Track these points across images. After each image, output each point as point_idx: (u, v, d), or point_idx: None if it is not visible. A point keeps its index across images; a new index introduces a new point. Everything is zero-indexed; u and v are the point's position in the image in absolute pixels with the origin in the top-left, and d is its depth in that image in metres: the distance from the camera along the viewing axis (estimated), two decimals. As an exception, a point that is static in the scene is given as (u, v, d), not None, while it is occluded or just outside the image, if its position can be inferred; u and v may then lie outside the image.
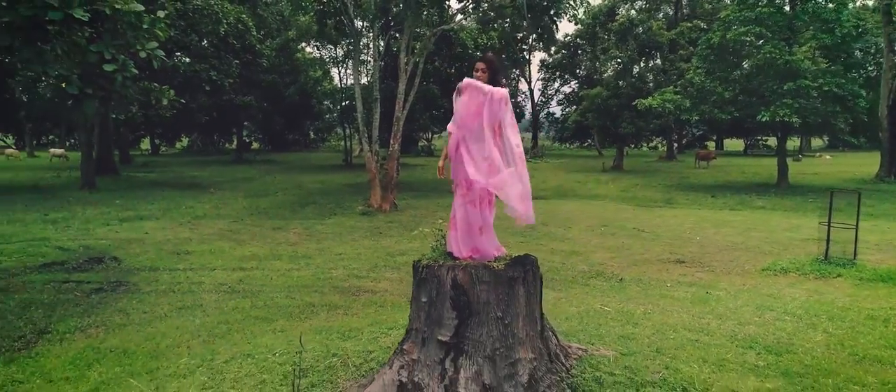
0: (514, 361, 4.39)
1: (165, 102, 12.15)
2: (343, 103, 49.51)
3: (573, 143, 79.13)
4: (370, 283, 10.35)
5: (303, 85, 51.92)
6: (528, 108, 77.89)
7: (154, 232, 15.98)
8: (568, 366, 5.27)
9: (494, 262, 4.72)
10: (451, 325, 4.47)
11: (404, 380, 4.57)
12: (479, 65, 5.05)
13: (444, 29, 20.25)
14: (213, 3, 26.84)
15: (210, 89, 32.18)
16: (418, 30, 20.74)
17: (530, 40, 77.21)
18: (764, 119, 26.52)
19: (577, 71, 70.61)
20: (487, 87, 4.86)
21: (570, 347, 5.67)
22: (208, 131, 65.21)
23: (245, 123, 59.08)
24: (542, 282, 5.16)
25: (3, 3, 7.68)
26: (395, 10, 18.55)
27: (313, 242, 14.54)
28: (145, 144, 69.85)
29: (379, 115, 20.48)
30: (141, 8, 8.65)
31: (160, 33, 9.09)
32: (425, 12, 18.82)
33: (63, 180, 32.07)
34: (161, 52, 9.02)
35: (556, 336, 5.46)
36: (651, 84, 43.60)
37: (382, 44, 21.61)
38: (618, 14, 47.91)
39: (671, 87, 31.50)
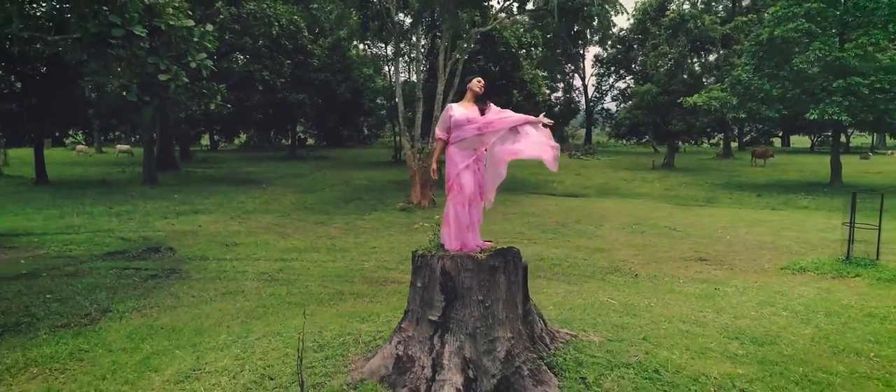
0: (493, 339, 5.03)
1: (213, 107, 13.16)
2: (394, 100, 50.61)
3: (629, 139, 78.32)
4: (398, 274, 11.08)
5: (354, 83, 53.21)
6: (582, 103, 77.23)
7: (206, 225, 17.16)
8: (552, 347, 5.87)
9: (480, 253, 5.35)
10: (440, 307, 5.14)
11: (400, 353, 5.27)
12: (476, 84, 5.64)
13: (481, 30, 20.83)
14: (265, 6, 28.11)
15: (263, 89, 33.60)
16: (461, 30, 21.37)
17: (585, 35, 77.03)
18: (812, 117, 26.19)
19: (632, 66, 69.82)
20: (494, 111, 5.55)
21: (558, 332, 6.26)
22: (264, 128, 67.37)
23: (299, 120, 61.01)
24: (526, 271, 5.78)
25: (76, 21, 8.72)
26: (435, 12, 19.07)
27: (351, 236, 15.41)
28: (206, 140, 72.78)
29: (422, 113, 21.22)
30: (192, 23, 9.59)
31: (209, 45, 10.01)
32: (464, 14, 19.45)
33: (128, 175, 34.02)
34: (209, 63, 9.96)
35: (543, 321, 6.06)
36: (705, 80, 43.07)
37: (426, 43, 22.26)
38: (669, 8, 47.39)
39: (719, 84, 31.26)
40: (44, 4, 8.64)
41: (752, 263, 12.03)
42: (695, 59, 47.51)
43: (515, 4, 22.40)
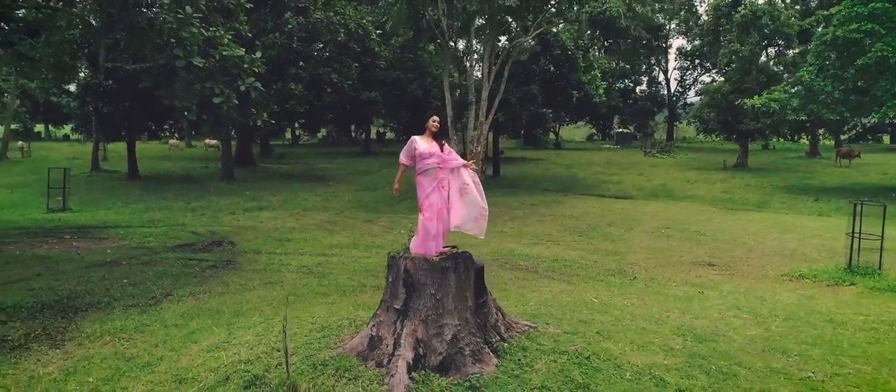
0: (442, 325, 6.28)
1: (260, 124, 14.90)
2: (469, 98, 51.93)
3: (718, 135, 76.57)
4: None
5: (424, 81, 54.86)
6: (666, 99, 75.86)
7: (267, 221, 19.07)
8: (507, 336, 7.06)
9: (436, 257, 6.61)
10: (402, 298, 6.44)
11: (373, 334, 6.60)
12: (433, 122, 6.92)
13: (523, 40, 21.82)
14: (332, 14, 30.03)
15: (331, 90, 35.72)
16: (518, 36, 22.41)
17: (668, 27, 75.90)
18: (873, 120, 25.76)
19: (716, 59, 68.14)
20: (447, 150, 6.85)
21: (517, 323, 7.44)
22: (342, 123, 70.18)
23: (373, 118, 63.43)
24: (481, 272, 6.99)
25: (150, 54, 10.53)
26: (478, 22, 20.24)
27: (391, 234, 16.88)
28: (290, 134, 76.83)
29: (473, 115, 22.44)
30: (242, 51, 11.24)
31: (256, 69, 11.64)
32: (511, 24, 20.55)
33: (209, 171, 36.92)
34: (258, 85, 11.60)
35: (501, 313, 7.26)
36: (786, 77, 42.04)
37: (479, 49, 23.38)
38: (743, 3, 46.34)
39: (782, 84, 30.93)
40: (123, 39, 10.48)
41: (756, 269, 12.68)
42: (771, 56, 46.46)
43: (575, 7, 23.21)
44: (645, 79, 79.04)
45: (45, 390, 6.70)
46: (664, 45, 75.91)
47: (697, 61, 71.66)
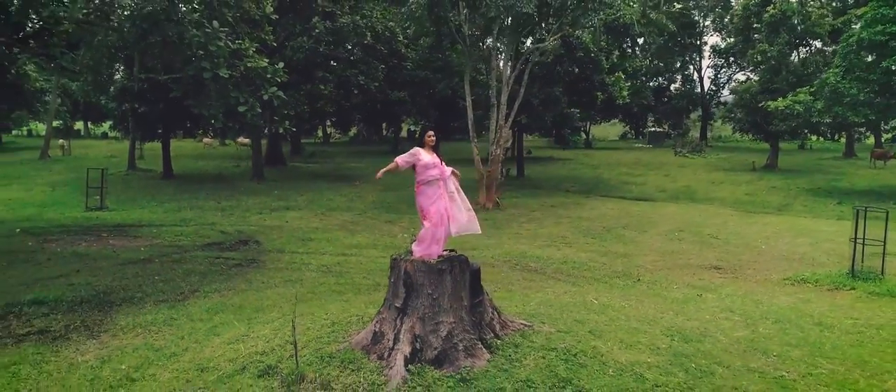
0: (438, 322, 6.85)
1: (282, 131, 15.63)
2: (491, 100, 52.40)
3: (755, 135, 75.49)
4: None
5: (451, 81, 55.41)
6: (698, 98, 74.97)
7: (293, 221, 19.84)
8: (501, 333, 7.60)
9: (435, 260, 7.17)
10: (402, 297, 7.01)
11: (376, 330, 7.19)
12: (428, 136, 7.48)
13: (541, 47, 22.20)
14: (358, 18, 30.78)
15: (358, 91, 36.52)
16: (539, 40, 22.80)
17: (702, 25, 75.16)
18: (897, 123, 25.61)
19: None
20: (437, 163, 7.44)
21: (513, 322, 7.97)
22: (372, 121, 71.12)
23: (402, 117, 64.26)
24: (478, 273, 7.53)
25: (181, 67, 11.29)
26: (496, 30, 20.71)
27: (410, 234, 17.44)
28: (321, 132, 78.16)
29: (495, 118, 22.93)
30: (266, 63, 11.94)
31: (279, 79, 12.34)
32: (531, 29, 21.00)
33: (241, 170, 37.96)
34: (280, 93, 12.29)
35: (497, 312, 7.80)
36: (814, 77, 41.54)
37: (502, 51, 23.82)
38: (773, 3, 45.86)
39: (807, 87, 30.79)
40: (156, 52, 11.27)
41: (761, 273, 12.99)
42: (802, 56, 45.98)
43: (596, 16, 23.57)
44: (679, 76, 78.32)
45: (83, 376, 7.44)
46: (697, 42, 75.12)
47: (732, 59, 70.71)
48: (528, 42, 27.21)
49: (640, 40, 20.90)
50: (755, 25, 46.62)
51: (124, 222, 19.46)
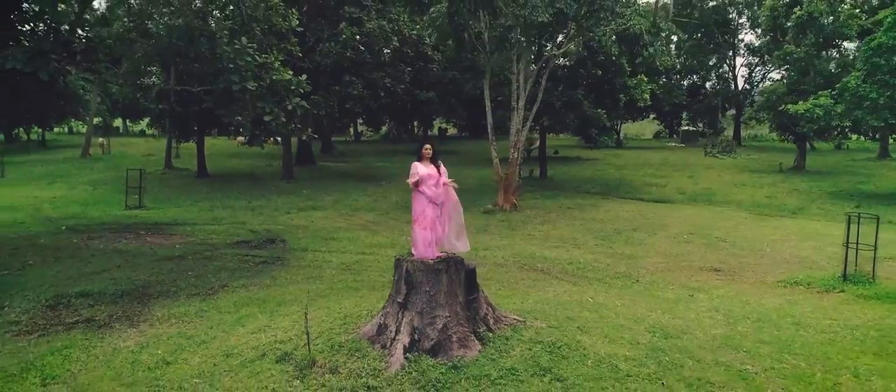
0: (434, 316, 7.69)
1: (304, 138, 16.61)
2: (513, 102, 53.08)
3: (782, 136, 74.54)
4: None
5: (479, 82, 56.22)
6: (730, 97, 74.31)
7: (318, 220, 20.86)
8: (494, 327, 8.41)
9: (432, 261, 8.01)
10: (403, 293, 7.87)
11: (381, 322, 8.07)
12: (426, 150, 8.31)
13: (558, 54, 22.85)
14: (385, 23, 31.80)
15: (384, 94, 37.57)
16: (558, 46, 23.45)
17: (735, 24, 74.57)
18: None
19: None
20: (443, 172, 8.23)
21: (506, 317, 8.78)
22: (402, 120, 72.30)
23: (431, 116, 65.36)
24: (473, 273, 8.34)
25: (212, 80, 12.32)
26: (513, 38, 21.48)
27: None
28: (353, 131, 79.57)
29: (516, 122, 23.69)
30: (290, 75, 12.91)
31: (302, 90, 13.30)
32: (546, 36, 21.74)
33: (273, 169, 39.25)
34: (304, 103, 13.26)
35: (491, 308, 8.61)
36: (841, 77, 41.23)
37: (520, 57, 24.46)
38: (801, 4, 45.57)
39: (828, 90, 30.86)
40: (191, 66, 12.34)
41: (758, 275, 13.56)
42: (832, 56, 45.65)
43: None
44: (714, 74, 77.67)
45: (124, 359, 8.45)
46: (732, 39, 74.36)
47: (766, 57, 69.97)
48: (550, 46, 27.86)
49: (651, 48, 21.31)
50: (785, 25, 46.41)
51: (161, 221, 20.69)
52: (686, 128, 79.46)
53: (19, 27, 13.07)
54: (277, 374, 7.29)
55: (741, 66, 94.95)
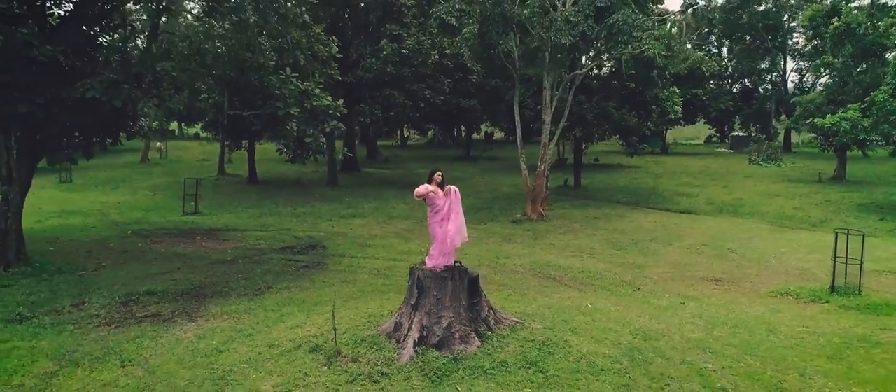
0: (440, 316, 9.17)
1: (339, 158, 18.27)
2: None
3: (822, 145, 73.12)
4: (465, 275, 15.28)
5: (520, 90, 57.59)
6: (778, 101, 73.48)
7: (356, 228, 22.55)
8: (494, 327, 9.83)
9: (440, 270, 9.48)
10: (415, 296, 9.38)
11: (397, 321, 9.58)
12: (435, 175, 9.79)
13: (578, 73, 24.06)
14: (423, 38, 33.46)
15: (425, 105, 39.25)
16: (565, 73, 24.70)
17: (787, 26, 73.84)
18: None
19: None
20: (450, 189, 9.70)
21: (506, 319, 10.19)
22: (447, 125, 73.92)
23: (473, 125, 66.90)
24: (475, 280, 9.77)
25: (261, 104, 14.07)
26: (540, 58, 22.78)
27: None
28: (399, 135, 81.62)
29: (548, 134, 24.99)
30: (329, 100, 14.58)
31: (340, 113, 14.94)
32: (571, 57, 23.04)
33: (319, 175, 41.20)
34: (340, 125, 14.89)
35: (492, 310, 10.04)
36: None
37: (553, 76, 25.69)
38: (841, 13, 45.42)
39: (858, 103, 31.17)
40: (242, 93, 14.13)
41: (754, 286, 14.61)
42: (865, 65, 45.32)
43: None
44: (768, 78, 76.87)
45: (185, 347, 10.17)
46: (782, 44, 73.48)
47: (817, 61, 69.01)
48: (585, 60, 28.97)
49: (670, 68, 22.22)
50: (824, 34, 46.26)
51: (215, 226, 22.70)
52: (735, 133, 78.71)
53: (97, 57, 15.09)
54: (309, 362, 8.87)
55: (792, 70, 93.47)
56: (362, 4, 32.87)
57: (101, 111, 14.47)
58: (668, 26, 21.12)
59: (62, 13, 13.81)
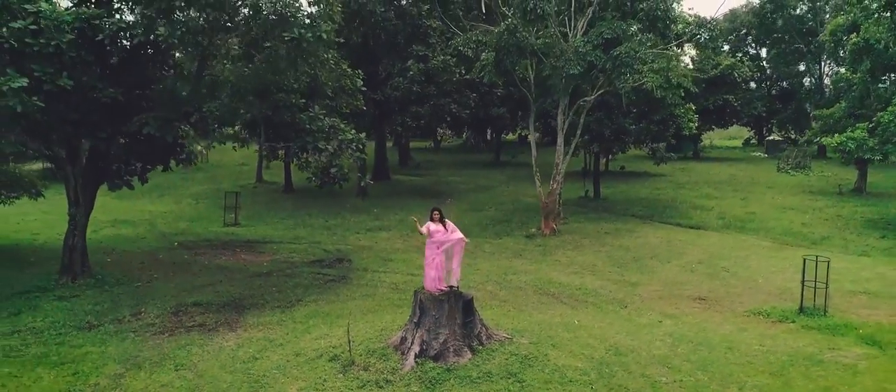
0: (438, 332, 10.98)
1: (362, 184, 20.23)
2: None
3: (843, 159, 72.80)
4: (472, 290, 17.04)
5: (545, 100, 59.01)
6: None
7: (380, 241, 24.50)
8: (485, 342, 11.61)
9: (438, 293, 11.29)
10: (418, 315, 11.21)
11: (403, 336, 11.43)
12: (434, 214, 11.59)
13: (587, 99, 25.51)
14: (448, 58, 35.25)
15: (451, 119, 41.09)
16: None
17: (819, 32, 73.73)
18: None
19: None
20: (449, 226, 11.48)
21: (497, 334, 11.96)
22: (479, 129, 75.47)
23: (503, 131, 68.55)
24: (470, 302, 11.55)
25: (294, 137, 16.07)
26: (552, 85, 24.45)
27: (470, 259, 21.36)
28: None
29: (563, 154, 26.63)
30: (353, 134, 16.49)
31: (363, 145, 16.85)
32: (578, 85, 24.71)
33: (350, 183, 43.19)
34: (363, 155, 16.79)
35: (484, 327, 11.81)
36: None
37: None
38: (860, 29, 45.96)
39: (865, 123, 32.00)
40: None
41: (732, 305, 16.06)
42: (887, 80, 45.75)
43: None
44: (806, 82, 76.69)
45: (227, 354, 12.16)
46: (815, 48, 73.30)
47: (835, 77, 69.05)
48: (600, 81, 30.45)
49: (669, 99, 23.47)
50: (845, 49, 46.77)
51: (252, 238, 24.89)
52: (770, 137, 78.46)
53: (150, 95, 17.28)
54: (328, 369, 10.77)
55: (827, 75, 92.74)
56: (392, 26, 34.77)
57: (155, 143, 16.65)
58: (667, 62, 22.50)
59: (119, 57, 15.92)
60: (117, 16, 16.31)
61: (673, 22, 29.92)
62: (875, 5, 37.84)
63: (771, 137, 78.34)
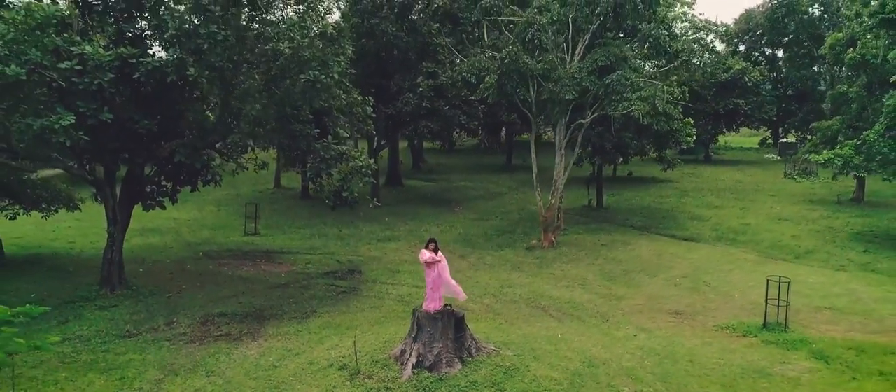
0: (432, 346, 12.74)
1: (371, 205, 22.01)
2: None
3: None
4: (470, 303, 18.79)
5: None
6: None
7: (390, 252, 26.30)
8: (474, 354, 13.36)
9: (434, 312, 13.04)
10: (415, 330, 12.98)
11: (403, 348, 13.20)
12: (430, 244, 13.32)
13: (585, 121, 27.17)
14: (456, 73, 37.05)
15: (461, 129, 42.85)
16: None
17: (829, 33, 74.47)
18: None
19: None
20: (439, 257, 13.21)
21: (485, 347, 13.70)
22: (493, 131, 76.90)
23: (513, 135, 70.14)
24: (462, 319, 13.29)
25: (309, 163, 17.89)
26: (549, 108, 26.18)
27: (472, 271, 23.28)
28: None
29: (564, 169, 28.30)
30: (362, 160, 18.28)
31: (373, 168, 18.60)
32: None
33: (365, 188, 45.06)
34: (372, 180, 18.55)
35: (474, 340, 13.55)
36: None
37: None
38: (858, 44, 47.01)
39: (852, 141, 33.20)
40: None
41: (705, 320, 17.65)
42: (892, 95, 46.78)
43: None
44: (819, 85, 77.36)
45: (250, 363, 13.98)
46: (818, 52, 73.96)
47: (831, 92, 69.85)
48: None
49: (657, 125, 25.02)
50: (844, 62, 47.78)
51: (271, 248, 26.79)
52: (783, 140, 79.20)
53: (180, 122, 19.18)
54: (338, 377, 12.57)
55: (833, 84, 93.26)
56: (404, 43, 36.60)
57: (184, 167, 18.56)
58: (654, 91, 24.00)
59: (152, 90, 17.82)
60: (150, 52, 18.21)
61: (674, 39, 31.47)
62: (870, 22, 38.91)
63: (784, 139, 79.07)
